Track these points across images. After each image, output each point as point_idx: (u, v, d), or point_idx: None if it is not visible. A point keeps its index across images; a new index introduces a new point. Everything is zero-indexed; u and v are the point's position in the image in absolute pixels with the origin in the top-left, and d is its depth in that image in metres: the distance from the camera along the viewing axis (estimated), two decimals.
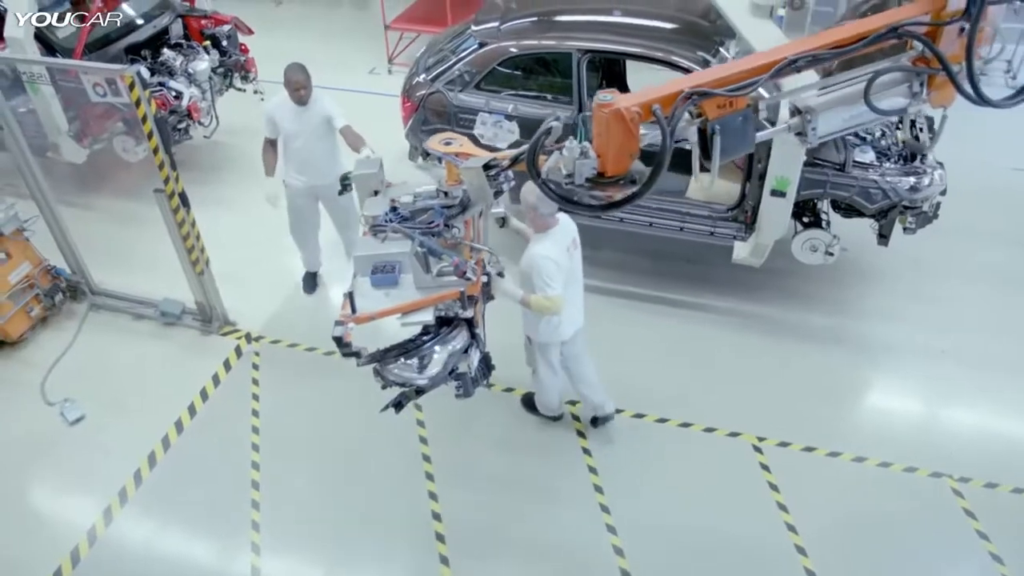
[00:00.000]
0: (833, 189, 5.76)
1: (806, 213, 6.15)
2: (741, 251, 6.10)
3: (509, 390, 5.90)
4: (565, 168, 3.12)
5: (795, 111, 3.34)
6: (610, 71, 7.12)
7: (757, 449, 5.48)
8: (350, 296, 3.95)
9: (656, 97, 2.91)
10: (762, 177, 5.74)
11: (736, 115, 2.99)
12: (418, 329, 4.13)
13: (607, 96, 2.92)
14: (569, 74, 6.05)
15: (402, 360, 4.12)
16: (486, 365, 4.35)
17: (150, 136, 5.39)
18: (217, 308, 6.47)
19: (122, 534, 5.15)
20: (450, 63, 6.30)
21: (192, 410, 5.91)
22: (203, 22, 8.26)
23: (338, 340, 3.91)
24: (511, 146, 6.20)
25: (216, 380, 6.15)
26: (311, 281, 6.95)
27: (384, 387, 4.17)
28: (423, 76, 6.44)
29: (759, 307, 6.52)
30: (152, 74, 7.62)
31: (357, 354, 4.09)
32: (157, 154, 5.47)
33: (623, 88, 7.32)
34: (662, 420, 5.69)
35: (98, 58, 7.29)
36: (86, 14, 7.49)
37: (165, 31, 8.02)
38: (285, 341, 6.46)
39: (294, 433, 5.74)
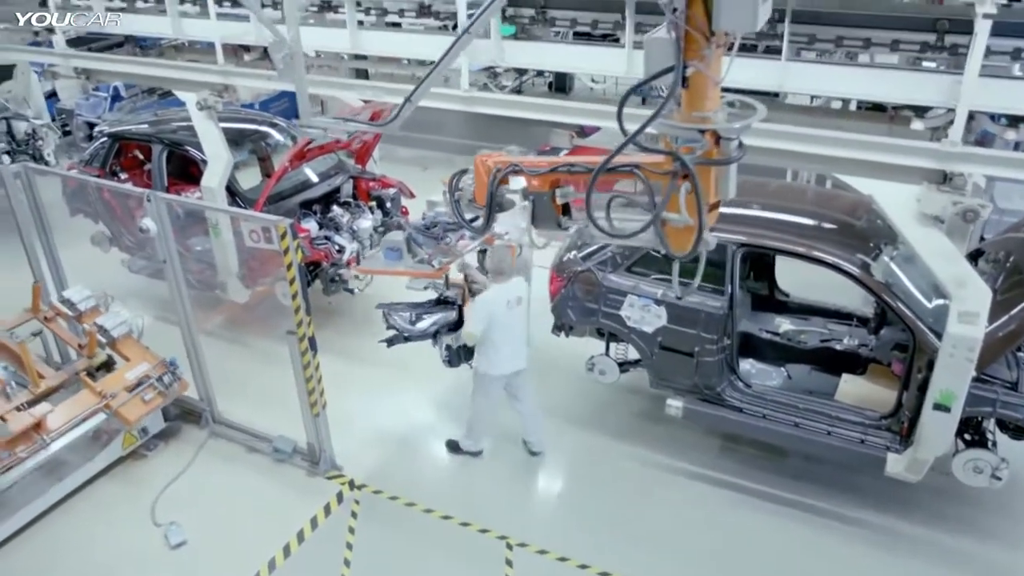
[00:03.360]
0: (1003, 409, 5.38)
1: (969, 430, 5.73)
2: (896, 464, 5.68)
3: (583, 567, 5.61)
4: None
5: None
6: (759, 261, 7.11)
7: None
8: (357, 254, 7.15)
9: (499, 160, 4.24)
10: (921, 388, 5.44)
11: (543, 194, 4.13)
12: (424, 297, 6.57)
13: (483, 150, 4.38)
14: (717, 263, 6.07)
15: (403, 313, 6.42)
16: (468, 348, 6.33)
17: (292, 282, 5.76)
18: (327, 451, 6.62)
19: None
20: (603, 244, 6.45)
21: (287, 551, 5.93)
22: (371, 184, 8.94)
23: (340, 275, 7.07)
24: (656, 329, 6.21)
25: (314, 523, 6.18)
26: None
27: (388, 327, 6.47)
28: (574, 254, 6.62)
29: (911, 527, 5.99)
30: (320, 227, 8.21)
31: (351, 290, 7.33)
32: (295, 299, 5.83)
33: (771, 281, 7.26)
34: None
35: (275, 210, 7.92)
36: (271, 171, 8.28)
37: (337, 190, 8.71)
38: (386, 493, 6.47)
39: None
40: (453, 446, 6.83)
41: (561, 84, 13.42)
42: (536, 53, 6.44)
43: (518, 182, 4.25)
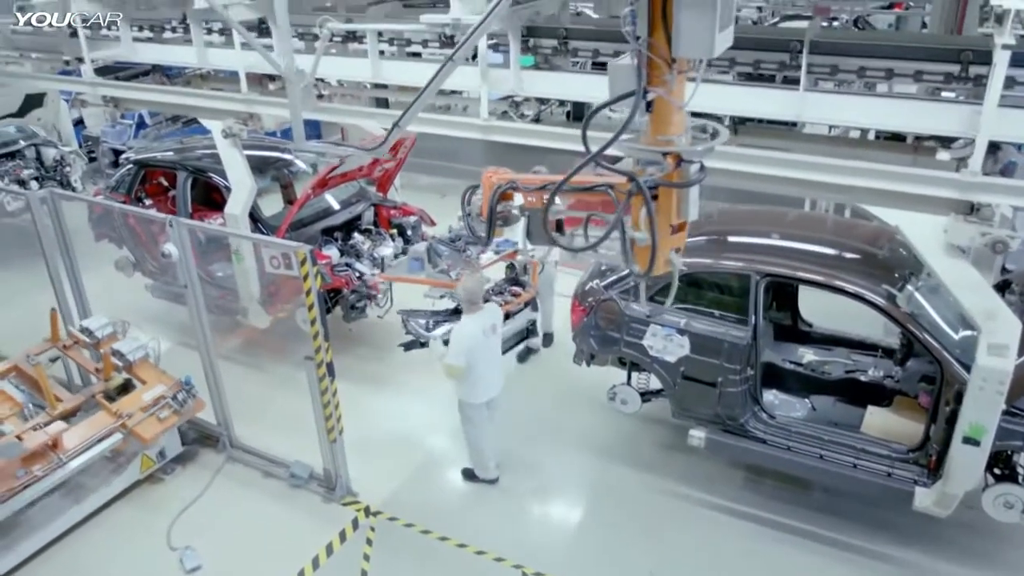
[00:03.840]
0: None
1: (999, 464, 5.61)
2: (924, 499, 5.56)
3: None
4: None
5: None
6: (781, 291, 7.05)
7: None
8: (381, 261, 7.82)
9: (501, 178, 4.47)
10: (949, 420, 5.34)
11: (536, 210, 4.31)
12: (441, 306, 7.15)
13: (489, 167, 4.55)
14: (740, 293, 6.03)
15: (420, 320, 6.98)
16: None
17: (311, 308, 5.77)
18: (343, 477, 6.60)
19: None
20: (625, 272, 6.42)
21: None
22: (393, 212, 8.99)
23: (364, 282, 7.53)
24: (680, 359, 6.16)
25: (329, 550, 6.15)
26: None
27: (407, 333, 7.12)
28: (596, 282, 6.60)
29: (938, 563, 5.85)
30: (341, 254, 8.25)
31: (373, 296, 7.59)
32: (313, 325, 5.83)
33: (794, 311, 7.20)
34: None
35: (297, 237, 7.98)
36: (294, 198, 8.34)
37: (359, 217, 8.76)
38: (402, 520, 6.44)
39: None
40: (469, 474, 6.81)
41: (579, 113, 13.47)
42: (555, 83, 6.47)
43: (518, 198, 4.43)
